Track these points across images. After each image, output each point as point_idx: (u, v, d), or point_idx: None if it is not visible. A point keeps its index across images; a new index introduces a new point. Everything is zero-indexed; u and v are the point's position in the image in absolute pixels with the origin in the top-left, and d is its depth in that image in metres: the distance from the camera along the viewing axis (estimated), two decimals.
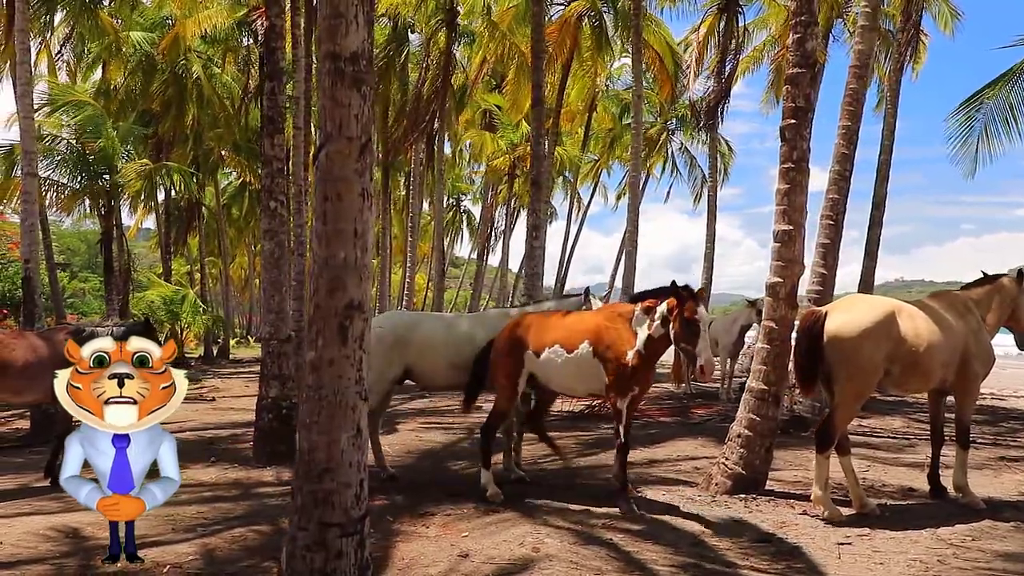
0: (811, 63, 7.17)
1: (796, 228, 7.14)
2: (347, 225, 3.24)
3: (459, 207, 50.06)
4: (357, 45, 3.21)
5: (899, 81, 17.94)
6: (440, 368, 7.53)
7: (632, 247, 17.73)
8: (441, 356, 7.49)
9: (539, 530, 5.85)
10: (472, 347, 7.38)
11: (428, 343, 7.51)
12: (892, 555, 5.21)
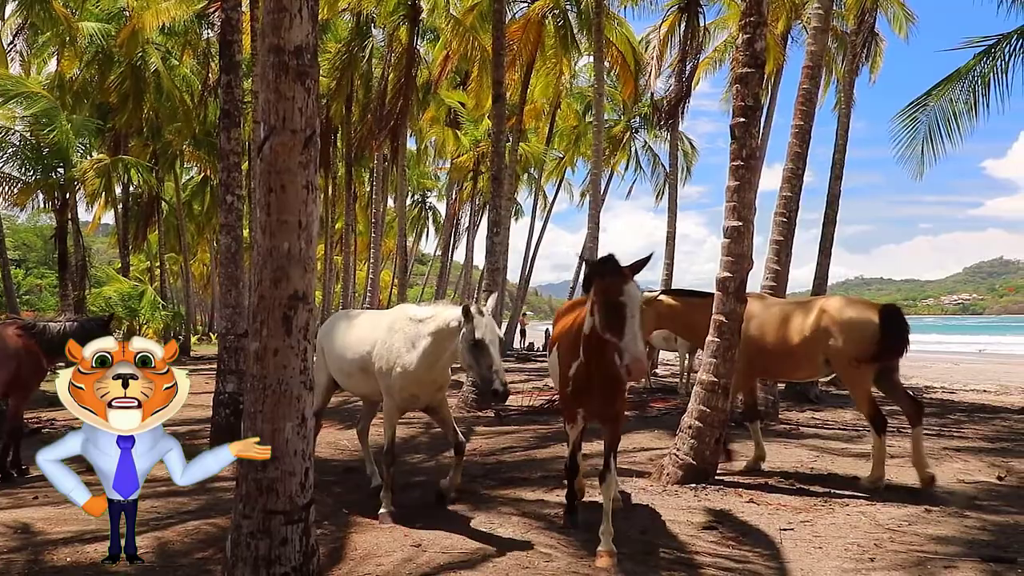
0: (760, 63, 7.33)
1: (746, 224, 7.30)
2: (291, 217, 3.29)
3: (424, 204, 50.01)
4: (301, 39, 3.26)
5: (853, 82, 18.31)
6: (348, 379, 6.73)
7: (593, 244, 17.87)
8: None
9: (493, 520, 5.95)
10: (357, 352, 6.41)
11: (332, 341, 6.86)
12: (831, 540, 5.39)
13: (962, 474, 7.71)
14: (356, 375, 6.47)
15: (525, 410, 12.82)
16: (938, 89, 12.19)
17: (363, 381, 6.45)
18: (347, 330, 6.68)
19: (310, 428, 3.52)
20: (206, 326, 54.39)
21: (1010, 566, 4.77)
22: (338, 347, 6.67)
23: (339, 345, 6.67)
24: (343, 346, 6.60)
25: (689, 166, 35.25)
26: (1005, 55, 11.45)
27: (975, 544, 5.27)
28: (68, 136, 18.37)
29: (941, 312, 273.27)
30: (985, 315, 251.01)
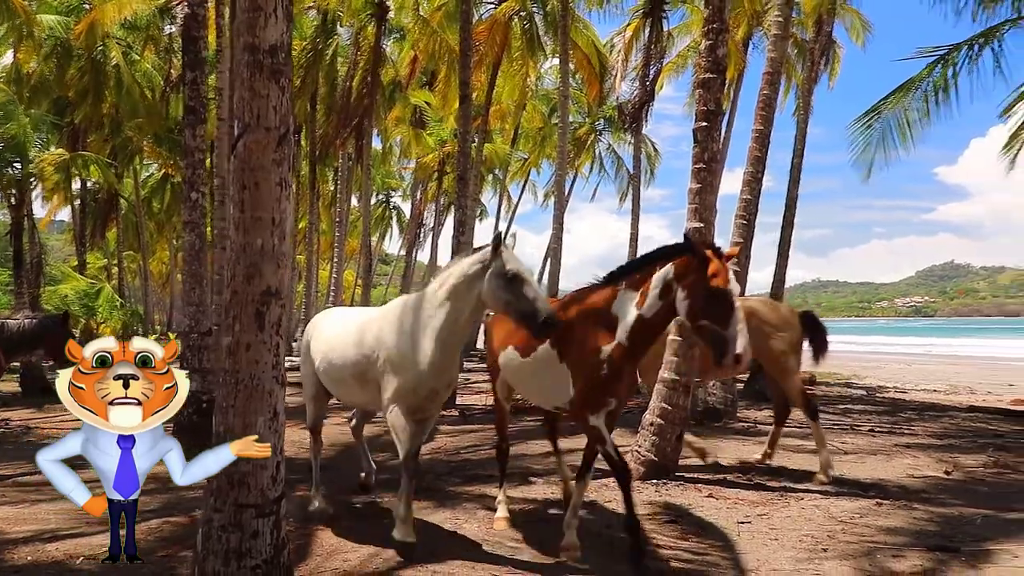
0: (722, 69, 7.52)
1: (707, 226, 7.48)
2: (265, 213, 3.34)
3: (388, 203, 49.83)
4: (276, 38, 3.31)
5: (812, 88, 18.73)
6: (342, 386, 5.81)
7: (557, 245, 18.06)
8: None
9: (458, 516, 6.04)
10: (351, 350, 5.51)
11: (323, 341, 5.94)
12: (787, 532, 5.58)
13: (912, 469, 7.98)
14: (350, 382, 5.49)
15: (489, 409, 12.90)
16: (893, 97, 12.58)
17: (359, 389, 5.47)
18: (337, 331, 5.72)
19: (281, 423, 3.57)
20: (165, 325, 53.61)
21: (954, 555, 4.98)
22: (327, 350, 5.71)
23: (328, 348, 5.70)
24: (332, 349, 5.64)
25: (652, 169, 35.64)
26: (956, 65, 11.86)
27: (922, 535, 5.50)
28: (26, 130, 17.99)
29: (895, 314, 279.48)
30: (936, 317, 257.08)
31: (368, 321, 5.46)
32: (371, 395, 5.34)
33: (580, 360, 4.94)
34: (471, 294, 4.88)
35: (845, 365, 28.36)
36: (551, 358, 5.10)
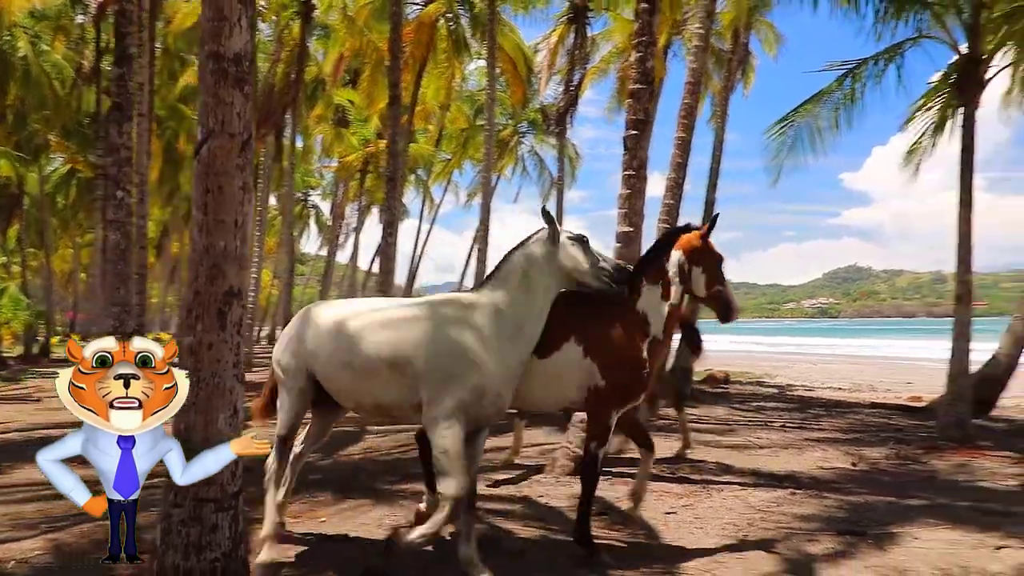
0: (651, 80, 7.87)
1: (636, 230, 7.82)
2: (228, 216, 3.42)
3: (307, 202, 49.04)
4: (240, 47, 3.40)
5: (728, 97, 19.50)
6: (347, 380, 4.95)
7: (484, 246, 18.25)
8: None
9: (396, 513, 6.16)
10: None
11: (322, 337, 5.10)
12: (710, 520, 5.94)
13: (822, 462, 8.51)
14: (384, 377, 4.69)
15: None
16: (804, 107, 13.27)
17: (389, 386, 4.70)
18: (359, 324, 4.89)
19: (240, 419, 3.65)
20: (67, 326, 51.35)
21: (862, 538, 5.41)
22: (345, 346, 4.85)
23: (346, 343, 4.85)
24: (355, 344, 4.81)
25: (574, 171, 36.18)
26: (862, 78, 12.61)
27: (833, 520, 5.93)
28: None
29: (802, 315, 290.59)
30: (840, 318, 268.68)
31: (407, 317, 4.77)
32: (401, 395, 4.66)
33: (620, 360, 4.95)
34: (548, 274, 4.73)
35: (756, 365, 29.56)
36: (577, 355, 4.98)
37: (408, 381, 4.57)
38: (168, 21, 23.85)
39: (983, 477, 7.79)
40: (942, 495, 6.84)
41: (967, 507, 6.33)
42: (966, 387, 10.69)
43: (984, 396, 12.69)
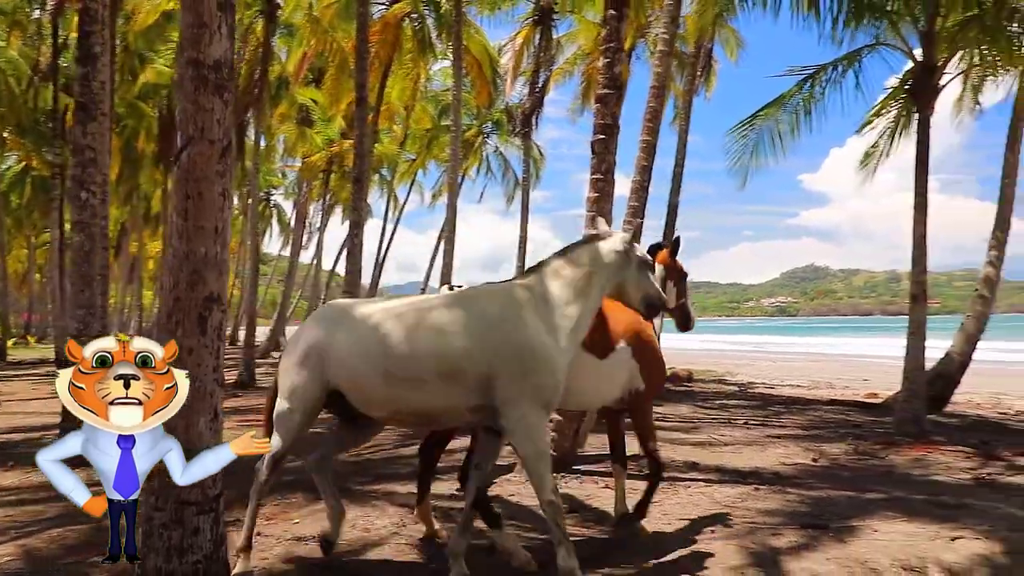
0: (618, 85, 8.00)
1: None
2: (208, 223, 3.45)
3: (269, 201, 48.56)
4: (220, 54, 3.43)
5: (691, 100, 19.79)
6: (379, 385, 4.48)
7: (450, 246, 18.26)
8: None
9: (368, 513, 6.20)
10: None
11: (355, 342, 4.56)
12: (677, 517, 6.08)
13: (784, 458, 8.73)
14: (431, 383, 4.37)
15: None
16: (765, 111, 13.55)
17: (440, 392, 4.39)
18: (397, 324, 4.49)
19: (220, 422, 3.69)
20: (22, 328, 50.22)
21: (824, 531, 5.59)
22: (383, 348, 4.42)
23: (385, 345, 4.42)
24: (394, 346, 4.40)
25: (538, 172, 36.31)
26: (822, 83, 12.92)
27: (796, 515, 6.10)
28: None
29: (762, 313, 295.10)
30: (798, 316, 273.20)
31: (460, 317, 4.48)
32: (455, 400, 4.40)
33: (653, 357, 5.51)
34: (608, 282, 4.72)
35: (719, 363, 30.01)
36: (627, 356, 5.36)
37: (467, 385, 4.35)
38: (128, 18, 23.49)
39: (938, 471, 8.06)
40: (899, 489, 7.08)
41: (923, 500, 6.56)
42: (921, 384, 11.03)
43: (938, 393, 13.10)
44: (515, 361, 4.30)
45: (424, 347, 4.34)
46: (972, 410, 13.81)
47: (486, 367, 4.29)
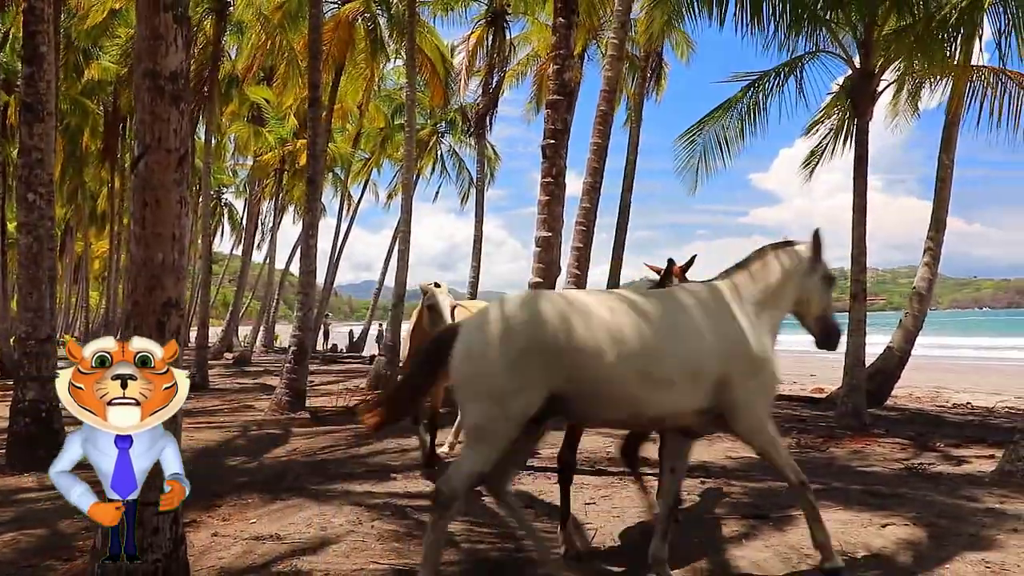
0: (568, 91, 8.21)
1: (554, 235, 8.15)
2: (165, 230, 3.53)
3: (220, 200, 47.92)
4: (176, 65, 3.51)
5: (642, 103, 20.17)
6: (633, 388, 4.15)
7: (405, 245, 18.30)
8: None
9: (325, 512, 6.27)
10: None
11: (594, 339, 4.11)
12: (628, 509, 6.30)
13: (730, 451, 9.02)
14: (678, 388, 4.20)
15: (341, 411, 13.08)
16: (712, 116, 13.92)
17: (675, 397, 4.22)
18: (647, 321, 4.24)
19: (179, 424, 3.76)
20: None
21: (765, 521, 5.85)
22: (651, 347, 4.15)
23: (651, 344, 4.15)
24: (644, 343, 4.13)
25: (493, 172, 36.42)
26: (766, 89, 13.32)
27: (739, 506, 6.37)
28: None
29: None
30: None
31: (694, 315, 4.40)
32: (686, 402, 4.25)
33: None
34: (794, 292, 4.74)
35: None
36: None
37: (703, 387, 4.23)
38: (72, 13, 23.02)
39: (875, 462, 8.43)
40: (838, 479, 7.40)
41: (859, 490, 6.89)
42: (861, 380, 11.49)
43: (879, 388, 13.63)
44: (746, 361, 4.34)
45: (677, 346, 4.21)
46: (912, 403, 14.37)
47: (724, 368, 4.26)
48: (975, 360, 31.11)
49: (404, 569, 4.81)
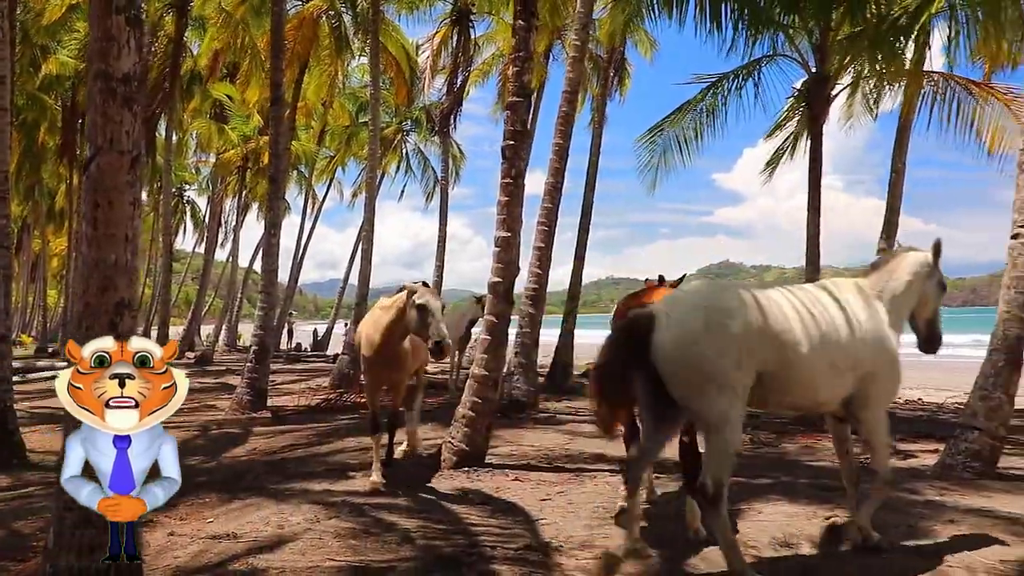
0: (527, 93, 8.29)
1: (513, 235, 8.24)
2: (118, 231, 3.55)
3: (181, 198, 47.31)
4: (129, 67, 3.54)
5: (605, 104, 20.35)
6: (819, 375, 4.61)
7: (368, 244, 18.29)
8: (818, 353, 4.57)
9: (283, 510, 6.30)
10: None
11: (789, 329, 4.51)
12: (582, 505, 6.43)
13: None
14: (845, 376, 4.70)
15: (302, 410, 13.06)
16: (672, 117, 14.12)
17: (841, 384, 4.72)
18: (824, 313, 4.72)
19: None
20: None
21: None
22: (835, 337, 4.65)
23: (835, 335, 4.65)
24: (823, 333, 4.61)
25: (458, 170, 36.38)
26: (725, 90, 13.55)
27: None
28: None
29: None
30: None
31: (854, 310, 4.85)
32: (845, 391, 4.75)
33: None
34: (916, 295, 5.24)
35: None
36: None
37: (857, 377, 4.73)
38: (29, 7, 22.59)
39: (823, 457, 8.66)
40: (787, 474, 7.62)
41: (806, 484, 7.10)
42: None
43: None
44: (888, 356, 4.85)
45: (849, 338, 4.68)
46: None
47: (873, 361, 4.75)
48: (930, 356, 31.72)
49: (360, 565, 4.88)
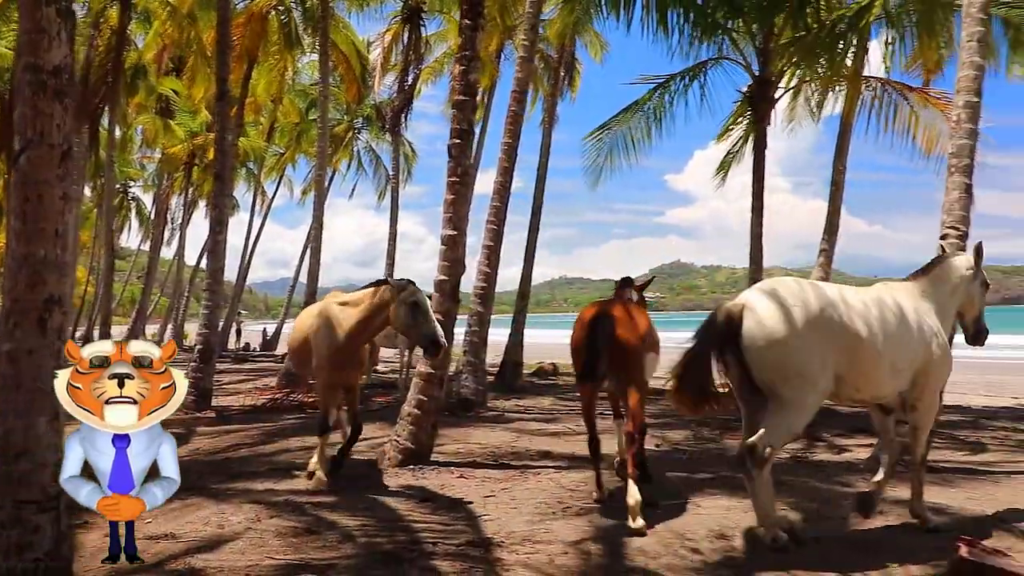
0: (474, 92, 8.34)
1: (460, 234, 8.27)
2: (48, 225, 3.49)
3: (127, 194, 46.20)
4: (59, 60, 3.48)
5: (555, 104, 20.49)
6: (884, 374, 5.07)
7: (317, 243, 18.14)
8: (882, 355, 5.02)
9: (224, 510, 6.24)
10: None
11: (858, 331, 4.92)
12: (525, 501, 6.50)
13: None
14: (903, 373, 5.18)
15: (248, 410, 12.92)
16: (620, 116, 14.30)
17: (901, 381, 5.22)
18: (886, 315, 5.12)
19: (61, 421, 3.72)
20: None
21: (654, 508, 6.10)
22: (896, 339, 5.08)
23: (896, 337, 5.08)
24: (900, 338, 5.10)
25: (410, 168, 36.22)
26: (672, 91, 13.77)
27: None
28: None
29: None
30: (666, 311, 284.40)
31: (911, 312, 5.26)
32: (903, 386, 5.25)
33: None
34: (963, 295, 5.62)
35: None
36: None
37: (912, 371, 5.19)
38: None
39: None
40: (728, 469, 7.77)
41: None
42: None
43: None
44: (940, 353, 5.26)
45: (910, 338, 5.12)
46: None
47: (927, 359, 5.18)
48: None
49: (300, 563, 4.87)
